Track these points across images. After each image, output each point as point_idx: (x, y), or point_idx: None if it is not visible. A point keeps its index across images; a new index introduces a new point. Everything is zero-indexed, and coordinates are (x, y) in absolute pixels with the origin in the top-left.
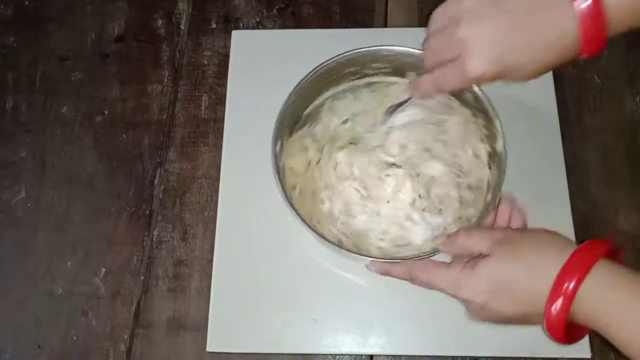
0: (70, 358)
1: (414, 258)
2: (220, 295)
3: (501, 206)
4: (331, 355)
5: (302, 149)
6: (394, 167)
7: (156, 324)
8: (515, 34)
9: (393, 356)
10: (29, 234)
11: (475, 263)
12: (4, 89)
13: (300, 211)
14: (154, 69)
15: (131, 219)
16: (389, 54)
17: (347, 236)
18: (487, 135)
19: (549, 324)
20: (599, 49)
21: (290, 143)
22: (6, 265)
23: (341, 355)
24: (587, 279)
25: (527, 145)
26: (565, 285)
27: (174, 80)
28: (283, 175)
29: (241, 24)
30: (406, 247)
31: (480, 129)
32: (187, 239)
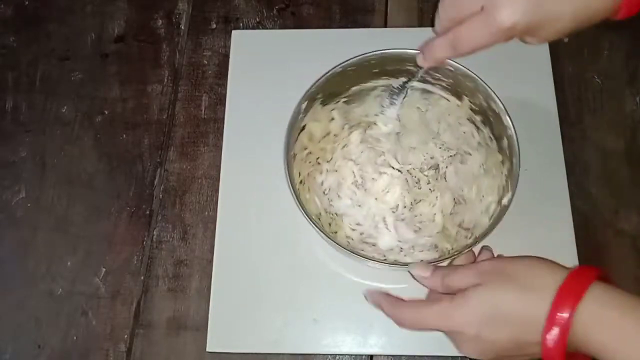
0: (70, 358)
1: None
2: (220, 295)
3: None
4: (331, 355)
5: (328, 118)
6: (395, 169)
7: (156, 324)
8: None
9: (393, 356)
10: (29, 234)
11: (465, 293)
12: (4, 89)
13: (306, 205)
14: (154, 69)
15: (131, 219)
16: (450, 70)
17: (326, 212)
18: (503, 187)
19: (546, 354)
20: (637, 10)
21: (320, 109)
22: (6, 265)
23: (341, 355)
24: (581, 304)
25: (527, 145)
26: (559, 315)
27: (174, 80)
28: (296, 141)
29: (241, 24)
30: (373, 247)
31: (500, 176)
32: (187, 239)
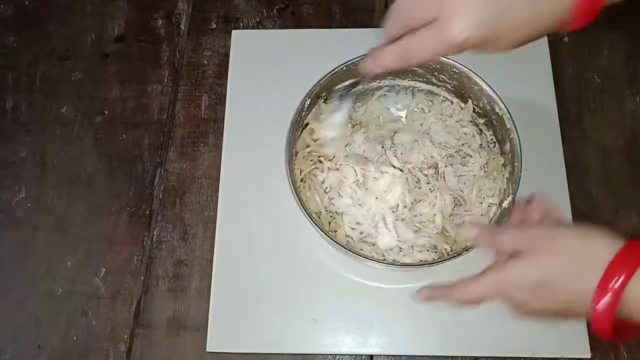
0: (70, 358)
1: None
2: (220, 295)
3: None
4: (331, 355)
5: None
6: (397, 169)
7: (156, 324)
8: None
9: (393, 356)
10: (29, 234)
11: (514, 262)
12: (4, 89)
13: (306, 204)
14: (154, 69)
15: (131, 219)
16: (455, 72)
17: (326, 211)
18: (504, 190)
19: (595, 319)
20: (588, 22)
21: (324, 107)
22: (6, 265)
23: (341, 355)
24: (636, 274)
25: (527, 145)
26: (613, 281)
27: (174, 80)
28: (299, 136)
29: (241, 24)
30: (372, 246)
31: (501, 179)
32: (187, 239)
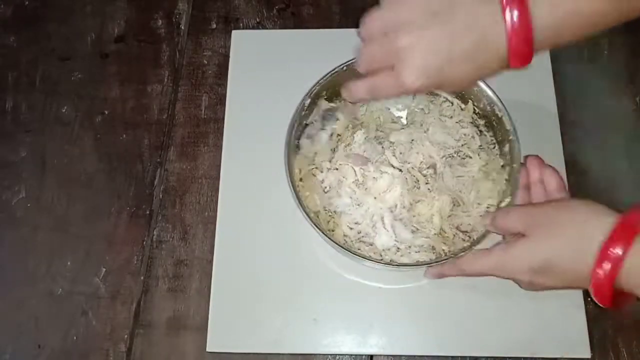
0: (70, 358)
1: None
2: (220, 295)
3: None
4: (331, 355)
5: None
6: (396, 169)
7: (156, 324)
8: (454, 47)
9: (393, 356)
10: (29, 234)
11: (515, 244)
12: (4, 89)
13: (305, 203)
14: (154, 69)
15: (131, 219)
16: None
17: (325, 210)
18: (503, 191)
19: (595, 288)
20: (525, 65)
21: (309, 129)
22: (6, 265)
23: (341, 355)
24: (635, 243)
25: (527, 145)
26: (612, 250)
27: (174, 80)
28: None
29: (241, 24)
30: (370, 246)
31: (500, 181)
32: (187, 239)
